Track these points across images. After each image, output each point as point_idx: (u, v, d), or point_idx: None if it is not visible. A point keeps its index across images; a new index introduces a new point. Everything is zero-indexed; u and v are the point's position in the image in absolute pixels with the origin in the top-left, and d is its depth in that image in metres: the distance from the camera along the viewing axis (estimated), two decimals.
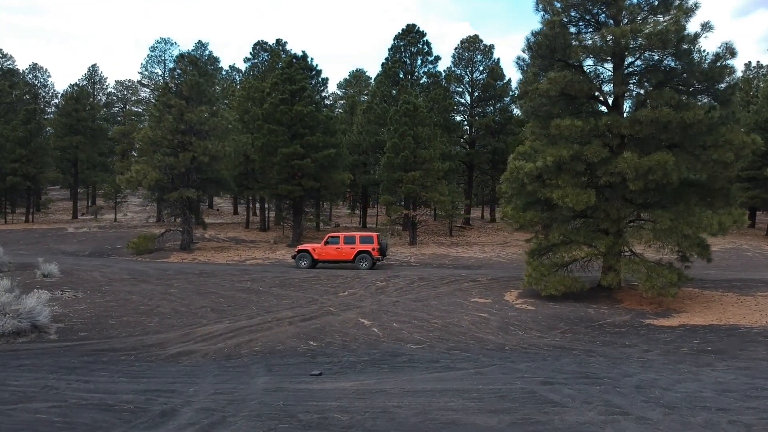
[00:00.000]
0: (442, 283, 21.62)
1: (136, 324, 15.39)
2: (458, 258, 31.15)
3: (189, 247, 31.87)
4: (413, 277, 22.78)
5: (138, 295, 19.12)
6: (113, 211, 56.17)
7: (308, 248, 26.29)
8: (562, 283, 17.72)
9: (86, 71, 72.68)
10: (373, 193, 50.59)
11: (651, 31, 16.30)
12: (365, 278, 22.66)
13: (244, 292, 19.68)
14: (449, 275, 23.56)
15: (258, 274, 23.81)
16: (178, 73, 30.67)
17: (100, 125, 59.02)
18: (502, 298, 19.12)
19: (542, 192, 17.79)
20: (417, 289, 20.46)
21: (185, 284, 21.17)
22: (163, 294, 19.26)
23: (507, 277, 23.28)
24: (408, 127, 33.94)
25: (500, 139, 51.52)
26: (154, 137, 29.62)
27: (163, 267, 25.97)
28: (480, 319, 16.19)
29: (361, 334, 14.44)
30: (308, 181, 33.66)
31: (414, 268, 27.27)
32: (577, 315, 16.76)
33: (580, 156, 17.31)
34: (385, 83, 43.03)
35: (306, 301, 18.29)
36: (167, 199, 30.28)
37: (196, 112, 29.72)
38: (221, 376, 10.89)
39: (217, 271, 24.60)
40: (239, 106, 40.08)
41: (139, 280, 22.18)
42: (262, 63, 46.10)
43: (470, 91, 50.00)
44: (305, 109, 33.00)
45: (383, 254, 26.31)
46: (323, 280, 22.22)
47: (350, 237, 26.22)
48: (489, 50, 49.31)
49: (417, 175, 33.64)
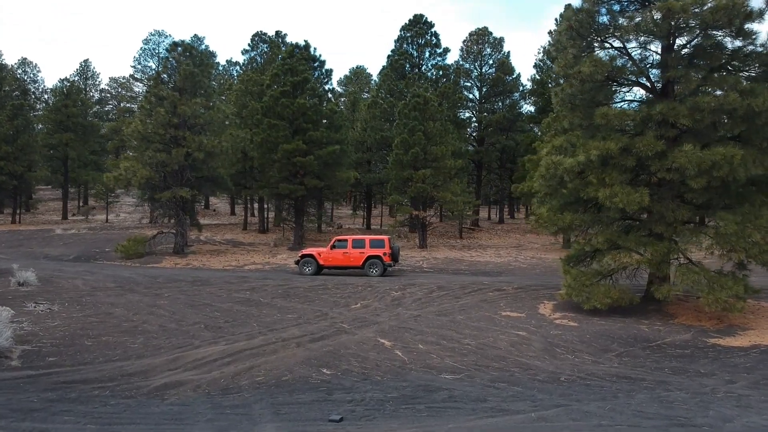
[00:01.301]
0: (464, 293, 19.36)
1: (117, 345, 13.07)
2: (474, 263, 28.87)
3: (182, 250, 29.55)
4: (431, 286, 20.52)
5: (122, 307, 16.80)
6: (106, 212, 53.79)
7: (313, 253, 23.99)
8: (608, 295, 15.46)
9: (78, 66, 70.24)
10: (377, 192, 48.34)
11: (716, 5, 14.05)
12: (377, 287, 20.40)
13: (242, 304, 17.38)
14: (470, 283, 21.29)
15: (258, 281, 21.52)
16: (171, 62, 28.32)
17: (91, 122, 56.60)
18: (536, 311, 16.86)
19: (585, 191, 15.52)
20: (438, 301, 18.19)
21: (176, 294, 18.86)
22: (151, 307, 16.94)
23: (535, 285, 21.03)
24: (418, 122, 31.67)
25: (509, 137, 49.40)
26: (145, 132, 27.28)
27: (154, 274, 23.65)
28: (519, 338, 13.91)
29: (384, 359, 12.15)
30: (311, 180, 31.35)
31: (428, 274, 25.00)
32: (629, 333, 14.49)
33: (630, 149, 15.07)
34: (391, 77, 40.72)
35: (314, 316, 15.99)
36: (159, 199, 27.92)
37: (191, 105, 27.40)
38: (217, 422, 8.61)
39: (212, 278, 22.30)
40: (237, 100, 37.75)
41: (125, 289, 19.87)
42: (261, 55, 43.73)
43: (479, 86, 47.77)
44: (308, 102, 30.71)
45: (395, 260, 24.03)
46: (331, 290, 19.94)
47: (359, 241, 23.93)
48: (499, 43, 47.11)
49: (428, 173, 31.38)
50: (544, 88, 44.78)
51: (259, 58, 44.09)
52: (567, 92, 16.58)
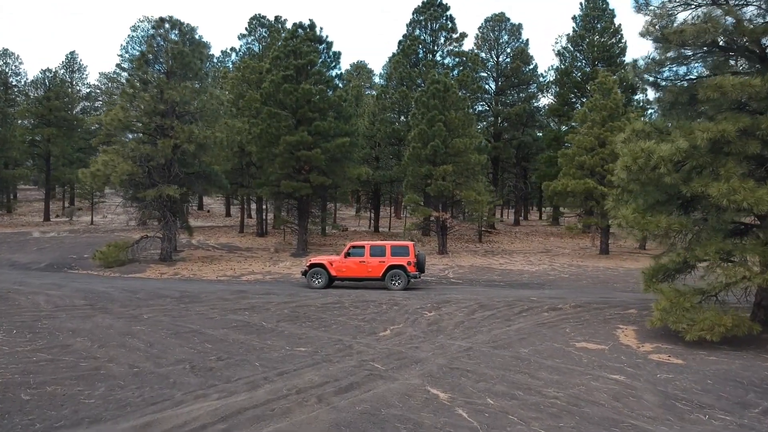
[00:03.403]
0: (513, 314, 15.71)
1: (66, 400, 9.33)
2: (506, 272, 25.22)
3: (170, 257, 25.80)
4: (469, 303, 16.86)
5: (86, 336, 13.06)
6: (91, 213, 49.95)
7: (323, 262, 20.30)
8: (719, 322, 11.81)
9: (64, 58, 66.35)
10: (385, 192, 44.69)
11: None
12: (405, 304, 16.74)
13: (240, 331, 13.68)
14: (515, 300, 17.65)
15: (258, 297, 17.83)
16: (158, 41, 24.55)
17: (76, 116, 52.73)
18: (616, 340, 13.19)
19: (689, 186, 11.87)
20: (485, 325, 14.53)
21: (158, 316, 15.13)
22: (123, 335, 13.21)
23: (595, 302, 17.40)
24: (438, 111, 27.99)
25: (526, 132, 45.89)
26: (127, 120, 23.53)
27: (134, 287, 19.91)
28: (618, 386, 10.24)
29: (445, 427, 8.46)
30: (317, 177, 27.63)
31: (459, 287, 21.36)
32: (760, 376, 10.85)
33: (753, 131, 11.44)
34: (403, 64, 36.99)
35: (334, 349, 12.29)
36: (143, 198, 24.16)
37: (180, 90, 23.66)
38: None
39: (203, 292, 18.58)
40: (233, 89, 33.99)
41: (95, 308, 16.13)
42: (260, 40, 39.92)
43: (495, 77, 44.16)
44: (314, 88, 26.97)
45: (421, 270, 20.36)
46: (349, 309, 16.26)
47: (379, 247, 20.24)
48: (517, 30, 43.51)
49: (450, 168, 27.68)
50: (568, 78, 41.28)
51: (257, 44, 40.29)
52: (656, 59, 12.93)
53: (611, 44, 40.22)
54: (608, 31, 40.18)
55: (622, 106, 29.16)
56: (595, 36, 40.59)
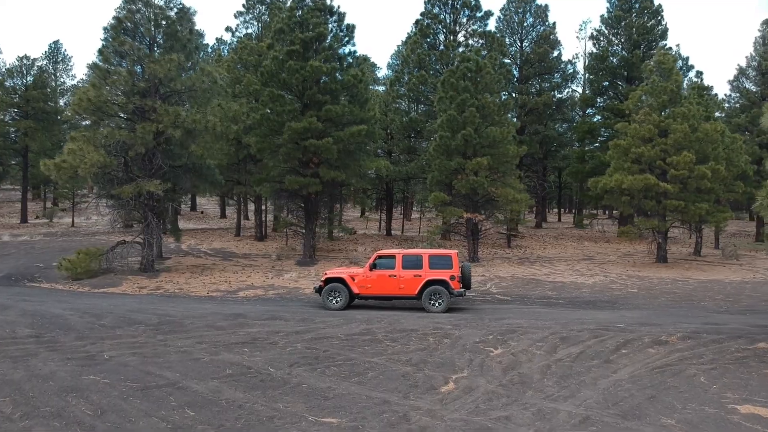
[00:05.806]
0: (607, 350, 11.52)
1: None
2: (557, 285, 21.03)
3: (152, 267, 21.54)
4: (541, 333, 12.68)
5: (7, 395, 8.75)
6: (72, 214, 45.61)
7: (343, 276, 16.04)
8: None
9: (47, 48, 61.98)
10: (398, 190, 40.51)
11: None
12: (456, 335, 12.55)
13: (239, 384, 9.34)
14: (597, 327, 13.45)
15: (261, 324, 13.58)
16: (137, 6, 20.29)
17: (57, 108, 48.39)
18: None
19: None
20: (579, 369, 10.29)
21: (125, 355, 10.83)
22: (66, 391, 8.84)
23: (705, 332, 13.23)
24: (470, 95, 23.79)
25: (549, 126, 41.85)
26: (98, 101, 19.25)
27: (100, 307, 15.62)
28: None
29: None
30: (328, 171, 23.35)
31: (511, 306, 17.19)
32: None
33: None
34: (421, 45, 32.77)
35: (381, 421, 7.97)
36: (118, 195, 19.89)
37: (164, 63, 19.39)
38: None
39: (189, 317, 14.31)
40: (229, 72, 29.70)
41: (42, 341, 11.86)
42: (259, 18, 35.64)
43: (518, 64, 40.02)
44: (324, 66, 22.72)
45: (467, 286, 16.13)
46: (383, 342, 12.04)
47: (413, 258, 15.98)
48: (543, 12, 39.43)
49: (485, 162, 23.46)
50: (603, 64, 37.18)
51: (256, 23, 36.01)
52: None
53: (651, 25, 36.22)
54: (649, 10, 36.18)
55: (682, 90, 25.17)
56: (633, 16, 36.58)
